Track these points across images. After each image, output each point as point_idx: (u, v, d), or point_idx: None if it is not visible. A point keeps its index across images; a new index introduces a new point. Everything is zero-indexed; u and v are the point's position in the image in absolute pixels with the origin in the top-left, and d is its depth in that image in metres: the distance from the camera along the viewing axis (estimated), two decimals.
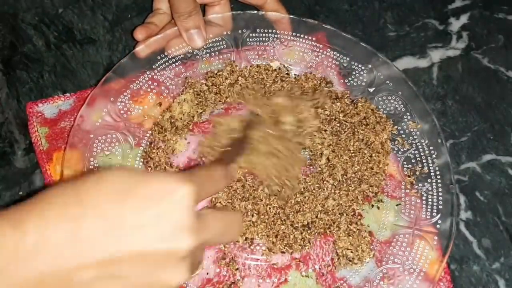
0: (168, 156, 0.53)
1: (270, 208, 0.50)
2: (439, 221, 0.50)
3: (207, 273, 0.49)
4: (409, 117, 0.55)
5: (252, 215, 0.50)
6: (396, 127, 0.55)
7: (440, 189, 0.51)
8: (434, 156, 0.53)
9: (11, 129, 0.56)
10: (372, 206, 0.52)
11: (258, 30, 0.59)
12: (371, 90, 0.57)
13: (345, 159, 0.52)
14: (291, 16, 0.59)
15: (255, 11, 0.59)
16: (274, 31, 0.59)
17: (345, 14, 0.65)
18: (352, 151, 0.53)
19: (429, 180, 0.52)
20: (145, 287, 0.33)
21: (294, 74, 0.58)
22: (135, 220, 0.30)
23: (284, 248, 0.49)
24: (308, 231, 0.49)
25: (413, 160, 0.53)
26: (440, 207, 0.50)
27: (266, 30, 0.59)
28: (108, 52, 0.61)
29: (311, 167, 0.53)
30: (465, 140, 0.58)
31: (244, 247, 0.49)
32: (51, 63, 0.60)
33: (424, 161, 0.53)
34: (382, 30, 0.64)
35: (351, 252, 0.49)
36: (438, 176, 0.52)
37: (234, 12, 0.59)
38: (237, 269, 0.48)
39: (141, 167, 0.53)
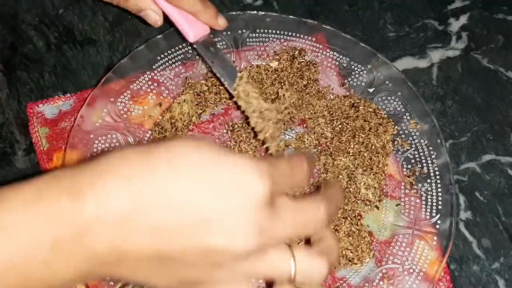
0: None
1: None
2: (439, 221, 0.50)
3: None
4: (408, 118, 0.55)
5: None
6: (395, 127, 0.55)
7: (439, 189, 0.51)
8: (433, 156, 0.53)
9: (12, 130, 0.56)
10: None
11: (258, 30, 0.59)
12: (371, 90, 0.57)
13: (345, 161, 0.53)
14: (291, 16, 0.59)
15: (255, 12, 0.59)
16: (274, 31, 0.59)
17: (345, 15, 0.65)
18: (351, 154, 0.53)
19: (428, 181, 0.52)
20: (192, 285, 0.31)
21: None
22: (201, 203, 0.28)
23: None
24: None
25: (412, 161, 0.53)
26: (440, 207, 0.51)
27: (266, 30, 0.59)
28: (108, 52, 0.61)
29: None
30: (465, 140, 0.58)
31: None
32: (52, 64, 0.60)
33: (423, 161, 0.53)
34: (382, 30, 0.64)
35: (351, 252, 0.49)
36: (438, 177, 0.52)
37: (234, 12, 0.59)
38: None
39: None
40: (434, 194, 0.51)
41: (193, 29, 0.52)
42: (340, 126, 0.55)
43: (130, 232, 0.28)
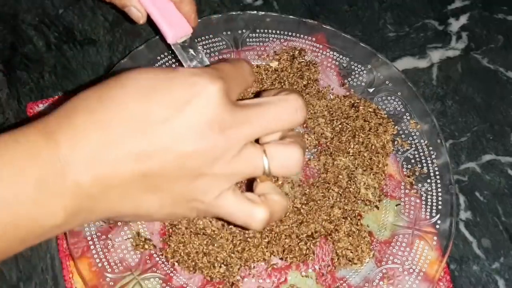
0: None
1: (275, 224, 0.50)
2: (439, 221, 0.50)
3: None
4: (408, 118, 0.55)
5: (265, 237, 0.49)
6: (395, 127, 0.55)
7: (439, 189, 0.51)
8: (433, 156, 0.53)
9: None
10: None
11: (258, 31, 0.59)
12: (371, 90, 0.57)
13: (345, 161, 0.53)
14: (291, 17, 0.59)
15: (255, 12, 0.59)
16: (274, 31, 0.59)
17: (345, 15, 0.65)
18: (351, 154, 0.53)
19: (428, 181, 0.52)
20: (183, 202, 0.32)
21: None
22: (163, 114, 0.30)
23: (291, 259, 0.49)
24: (313, 241, 0.49)
25: (412, 161, 0.53)
26: (440, 207, 0.51)
27: (266, 31, 0.59)
28: (108, 52, 0.61)
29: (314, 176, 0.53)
30: (465, 140, 0.58)
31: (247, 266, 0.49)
32: (52, 64, 0.60)
33: (423, 161, 0.53)
34: (382, 30, 0.64)
35: (351, 252, 0.49)
36: (438, 177, 0.52)
37: (234, 12, 0.59)
38: (239, 268, 0.48)
39: None
40: (434, 194, 0.51)
41: (174, 29, 0.50)
42: (340, 126, 0.55)
43: (107, 161, 0.29)
